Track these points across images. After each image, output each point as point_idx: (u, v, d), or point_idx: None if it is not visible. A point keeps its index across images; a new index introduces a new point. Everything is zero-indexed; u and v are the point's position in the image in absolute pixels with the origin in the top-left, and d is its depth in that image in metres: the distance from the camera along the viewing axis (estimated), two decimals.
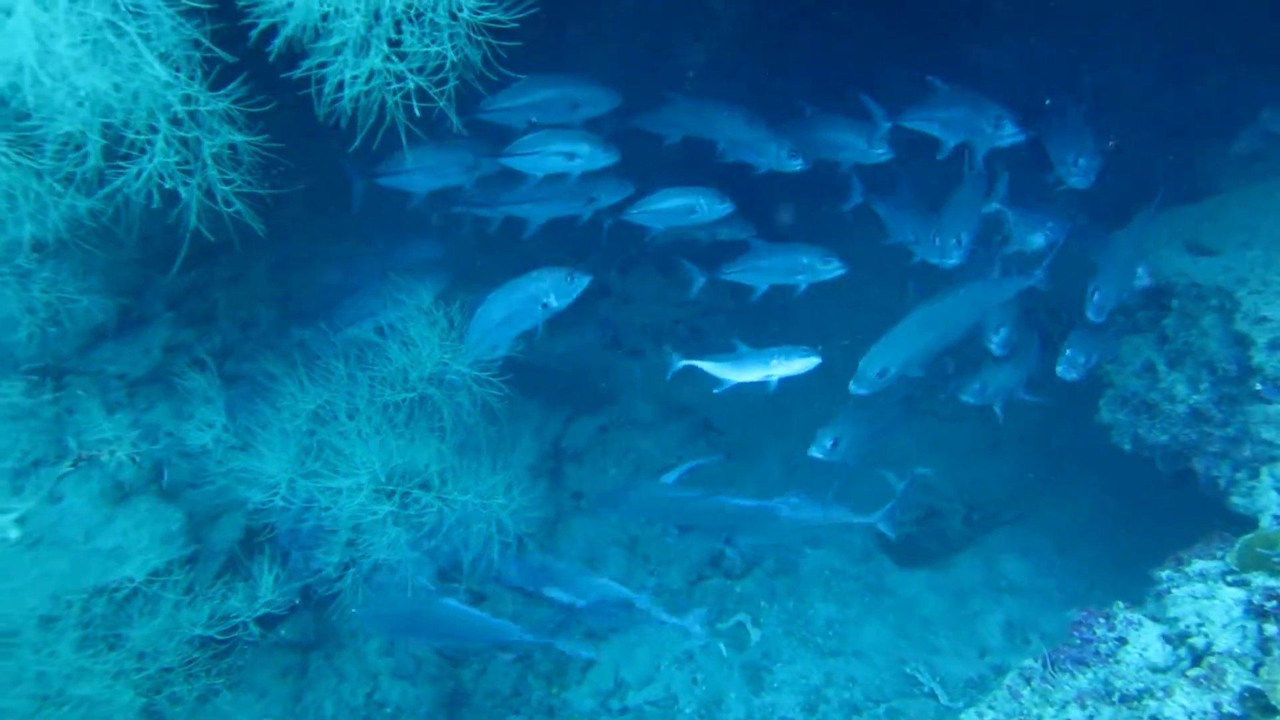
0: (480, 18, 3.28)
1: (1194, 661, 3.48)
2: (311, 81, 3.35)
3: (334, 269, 5.94)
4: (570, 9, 5.94)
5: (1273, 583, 3.52)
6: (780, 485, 6.00)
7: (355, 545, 4.58)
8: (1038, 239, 5.40)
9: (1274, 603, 3.43)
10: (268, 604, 4.66)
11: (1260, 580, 3.57)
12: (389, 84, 3.36)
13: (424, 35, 3.32)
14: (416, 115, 3.44)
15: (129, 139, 3.35)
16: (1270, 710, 3.17)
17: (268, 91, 3.43)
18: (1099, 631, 3.79)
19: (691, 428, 7.27)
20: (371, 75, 3.35)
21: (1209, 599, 3.64)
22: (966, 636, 6.09)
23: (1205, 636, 3.51)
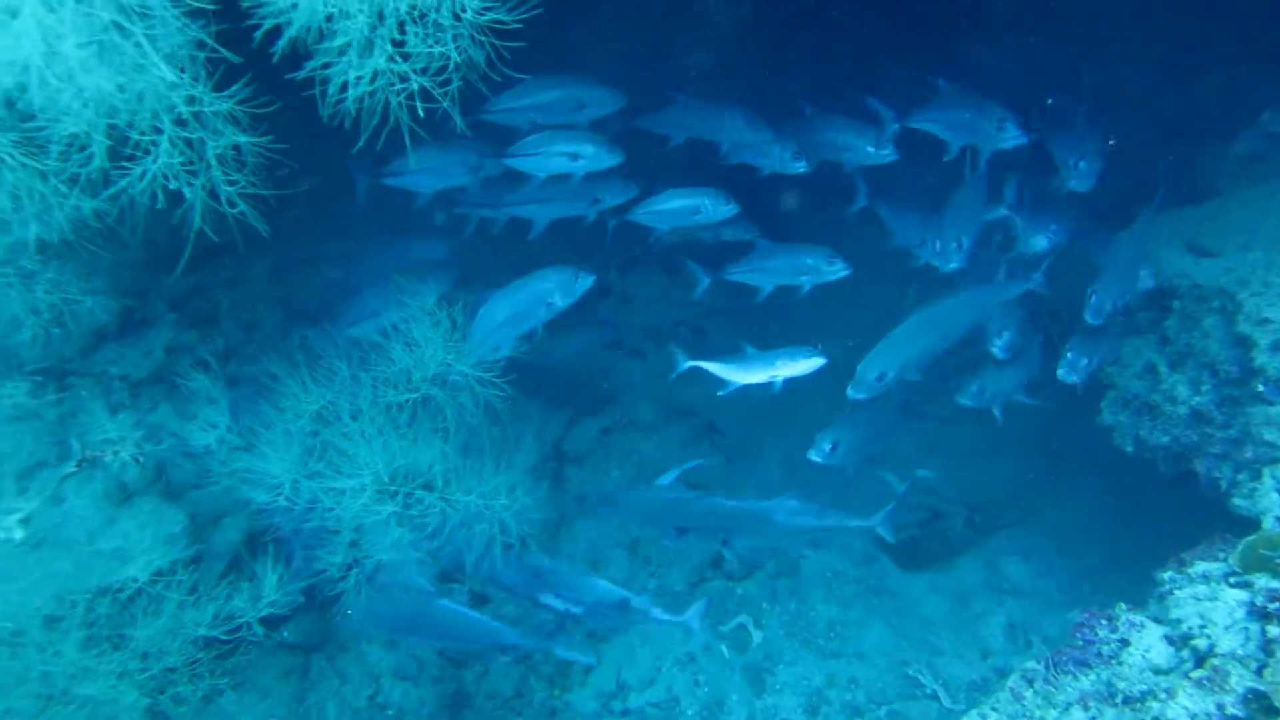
0: (484, 18, 3.28)
1: (1197, 663, 3.48)
2: (315, 82, 3.34)
3: (337, 269, 5.94)
4: (572, 9, 5.94)
5: (1276, 584, 3.52)
6: (780, 486, 5.99)
7: (358, 546, 4.58)
8: (1040, 242, 5.40)
9: (1277, 604, 3.43)
10: (271, 604, 4.65)
11: (1263, 582, 3.57)
12: (393, 85, 3.36)
13: (428, 36, 3.32)
14: (420, 116, 3.44)
15: (134, 140, 3.35)
16: (1274, 712, 3.17)
17: (272, 92, 3.43)
18: (1101, 633, 3.79)
19: (694, 430, 7.26)
20: (375, 76, 3.34)
21: (1212, 600, 3.64)
22: (969, 638, 6.09)
23: (1208, 638, 3.51)
